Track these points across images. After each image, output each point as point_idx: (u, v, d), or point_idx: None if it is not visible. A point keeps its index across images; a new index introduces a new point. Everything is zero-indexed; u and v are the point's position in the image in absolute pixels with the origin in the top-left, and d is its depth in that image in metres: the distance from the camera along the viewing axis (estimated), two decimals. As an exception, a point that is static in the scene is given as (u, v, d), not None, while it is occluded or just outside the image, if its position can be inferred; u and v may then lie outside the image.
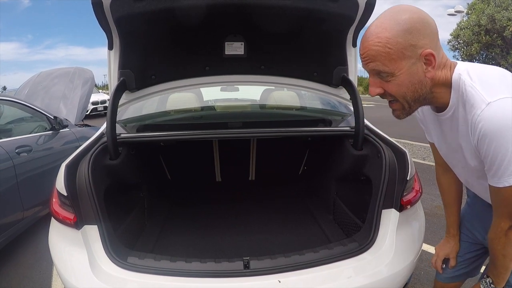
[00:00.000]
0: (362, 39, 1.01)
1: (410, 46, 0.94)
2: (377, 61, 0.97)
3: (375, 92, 1.04)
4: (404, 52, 0.94)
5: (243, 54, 2.06)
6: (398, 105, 1.06)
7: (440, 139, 1.26)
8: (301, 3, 1.73)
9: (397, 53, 0.94)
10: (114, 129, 1.82)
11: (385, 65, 0.96)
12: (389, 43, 0.94)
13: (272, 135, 2.30)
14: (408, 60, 0.96)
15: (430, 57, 0.96)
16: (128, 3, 1.63)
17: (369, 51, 0.97)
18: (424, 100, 1.05)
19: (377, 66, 0.98)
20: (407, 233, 1.66)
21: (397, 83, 0.99)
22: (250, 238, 2.25)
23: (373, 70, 1.00)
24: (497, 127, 0.93)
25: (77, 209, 1.55)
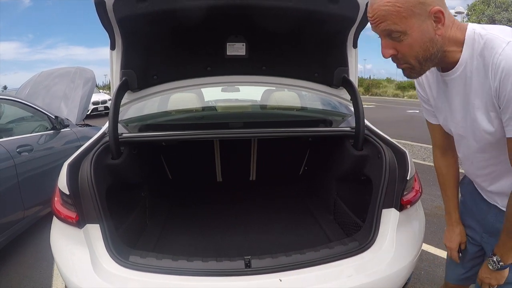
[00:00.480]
0: (369, 2, 1.02)
1: (419, 4, 0.95)
2: (388, 21, 0.97)
3: (388, 54, 1.03)
4: (414, 9, 0.95)
5: (244, 54, 2.07)
6: (407, 67, 1.07)
7: (445, 107, 1.23)
8: (301, 5, 1.73)
9: (406, 11, 0.95)
10: (116, 128, 1.83)
11: (396, 23, 0.97)
12: (398, 1, 0.95)
13: (273, 135, 2.31)
14: (418, 18, 0.97)
15: (439, 14, 0.97)
16: (131, 3, 1.64)
17: (379, 12, 0.98)
18: (435, 59, 1.05)
19: (388, 25, 0.98)
20: (407, 232, 1.67)
21: (409, 43, 1.00)
22: (251, 237, 2.26)
23: (384, 31, 1.00)
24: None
25: (79, 208, 1.55)
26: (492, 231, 1.28)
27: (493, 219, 1.27)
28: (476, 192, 1.34)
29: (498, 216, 1.24)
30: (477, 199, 1.34)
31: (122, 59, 1.93)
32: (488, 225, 1.29)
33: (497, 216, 1.25)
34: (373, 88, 42.88)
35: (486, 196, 1.29)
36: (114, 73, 1.97)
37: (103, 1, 1.63)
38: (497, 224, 1.24)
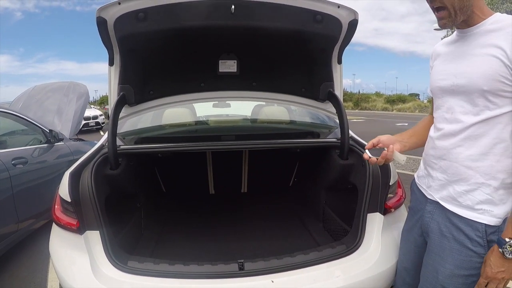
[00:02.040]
0: None
1: None
2: None
3: None
4: None
5: (235, 71, 2.19)
6: (445, 13, 1.19)
7: (449, 66, 1.29)
8: (289, 25, 1.87)
9: None
10: (115, 140, 1.92)
11: None
12: None
13: (263, 146, 2.41)
14: None
15: None
16: (131, 23, 1.74)
17: None
18: (465, 12, 1.17)
19: None
20: (392, 235, 1.77)
21: None
22: (244, 244, 2.34)
23: None
24: None
25: (80, 215, 1.63)
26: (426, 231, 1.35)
27: (428, 217, 1.34)
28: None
29: (434, 214, 1.31)
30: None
31: (120, 74, 2.01)
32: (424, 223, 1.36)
33: (432, 214, 1.32)
34: (362, 102, 43.43)
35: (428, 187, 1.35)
36: (112, 88, 2.06)
37: (104, 20, 1.73)
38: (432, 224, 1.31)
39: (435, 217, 1.31)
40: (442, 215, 1.29)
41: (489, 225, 1.18)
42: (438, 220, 1.30)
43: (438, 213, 1.30)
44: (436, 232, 1.30)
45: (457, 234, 1.24)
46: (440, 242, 1.29)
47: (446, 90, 1.27)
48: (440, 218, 1.29)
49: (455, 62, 1.26)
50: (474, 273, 1.22)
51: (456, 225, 1.24)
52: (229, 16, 1.75)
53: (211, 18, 1.78)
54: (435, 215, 1.31)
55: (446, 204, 1.27)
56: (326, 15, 1.85)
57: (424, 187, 1.38)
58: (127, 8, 1.71)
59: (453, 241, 1.25)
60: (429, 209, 1.34)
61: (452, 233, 1.25)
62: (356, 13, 1.89)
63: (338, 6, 1.84)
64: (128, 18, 1.73)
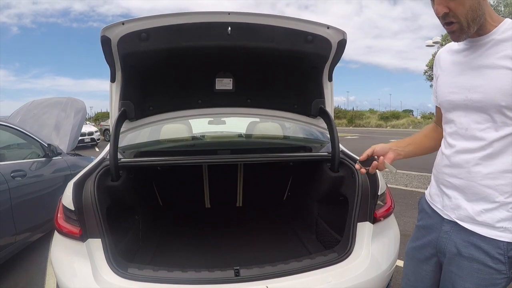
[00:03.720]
0: None
1: None
2: None
3: (442, 11, 1.12)
4: None
5: (231, 89, 2.30)
6: (456, 26, 1.13)
7: (460, 78, 1.24)
8: (281, 45, 1.99)
9: None
10: (116, 153, 2.00)
11: None
12: None
13: (257, 160, 2.50)
14: None
15: None
16: (134, 42, 1.85)
17: None
18: (479, 22, 1.12)
19: None
20: (382, 242, 1.86)
21: (460, 2, 1.09)
22: (240, 254, 2.41)
23: None
24: None
25: (82, 223, 1.70)
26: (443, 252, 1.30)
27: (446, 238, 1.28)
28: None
29: (451, 234, 1.26)
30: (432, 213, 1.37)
31: (121, 91, 2.11)
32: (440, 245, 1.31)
33: (449, 235, 1.27)
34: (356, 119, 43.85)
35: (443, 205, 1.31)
36: (113, 103, 2.15)
37: (108, 39, 1.84)
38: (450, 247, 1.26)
39: (453, 237, 1.26)
40: (460, 235, 1.24)
41: (510, 242, 1.15)
42: (456, 240, 1.25)
43: (456, 233, 1.25)
44: (454, 252, 1.25)
45: (476, 254, 1.19)
46: (459, 262, 1.24)
47: (459, 105, 1.22)
48: (458, 238, 1.24)
49: (466, 74, 1.20)
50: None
51: (476, 244, 1.19)
52: (225, 37, 1.87)
53: (209, 39, 1.90)
54: (452, 235, 1.26)
55: (464, 224, 1.21)
56: (316, 36, 1.97)
57: (439, 207, 1.32)
58: (130, 28, 1.82)
59: (473, 261, 1.21)
60: (446, 229, 1.28)
61: (471, 253, 1.21)
62: (345, 33, 2.02)
63: (327, 27, 1.97)
64: (131, 38, 1.84)
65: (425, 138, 1.48)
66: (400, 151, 1.41)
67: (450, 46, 1.33)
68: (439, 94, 1.32)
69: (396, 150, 1.41)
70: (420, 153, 1.47)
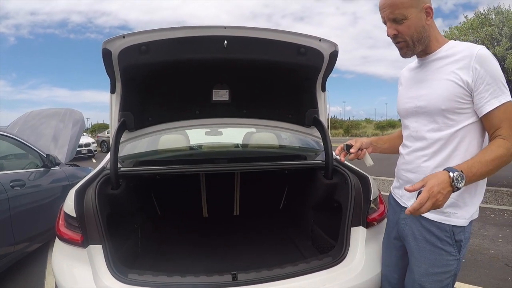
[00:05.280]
0: (380, 4, 1.38)
1: (415, 0, 1.34)
2: (396, 8, 1.34)
3: (392, 33, 1.38)
4: (412, 3, 1.33)
5: (228, 100, 2.38)
6: (404, 44, 1.39)
7: (412, 90, 1.49)
8: (276, 58, 2.08)
9: (408, 3, 1.33)
10: (116, 162, 2.06)
11: (401, 10, 1.33)
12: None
13: (254, 168, 2.57)
14: (416, 9, 1.33)
15: (429, 10, 1.36)
16: (134, 55, 1.92)
17: (392, 3, 1.34)
18: (424, 43, 1.39)
19: (396, 11, 1.34)
20: (375, 246, 1.91)
21: (407, 25, 1.35)
22: (237, 259, 2.46)
23: (392, 15, 1.36)
24: (491, 56, 1.30)
25: (84, 230, 1.75)
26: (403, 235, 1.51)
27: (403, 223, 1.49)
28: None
29: (407, 219, 1.47)
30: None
31: (121, 102, 2.18)
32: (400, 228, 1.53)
33: (406, 220, 1.48)
34: (352, 129, 44.01)
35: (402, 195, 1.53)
36: (113, 114, 2.21)
37: (109, 51, 1.91)
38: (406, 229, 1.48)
39: (409, 223, 1.46)
40: (415, 220, 1.43)
41: (455, 226, 1.35)
42: (411, 225, 1.45)
43: (411, 219, 1.45)
44: (411, 236, 1.46)
45: (428, 236, 1.39)
46: (415, 245, 1.44)
47: (411, 112, 1.48)
48: (413, 223, 1.44)
49: (416, 86, 1.47)
50: (446, 270, 1.37)
51: (427, 228, 1.39)
52: (222, 50, 1.95)
53: (206, 52, 1.98)
54: (408, 220, 1.47)
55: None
56: (309, 48, 2.06)
57: (398, 197, 1.56)
58: (130, 42, 1.90)
59: (425, 243, 1.40)
60: (404, 215, 1.49)
61: (424, 236, 1.41)
62: (336, 45, 2.11)
63: (319, 40, 2.06)
64: (132, 51, 1.92)
65: (398, 139, 1.69)
66: (378, 146, 1.71)
67: (409, 65, 1.60)
68: (398, 105, 1.59)
69: (375, 145, 1.70)
70: (393, 152, 1.72)
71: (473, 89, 1.29)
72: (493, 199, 6.49)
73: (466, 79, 1.29)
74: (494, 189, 7.22)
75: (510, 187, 7.41)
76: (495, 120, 1.28)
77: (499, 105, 1.26)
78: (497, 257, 3.66)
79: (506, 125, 1.27)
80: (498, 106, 1.26)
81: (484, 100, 1.28)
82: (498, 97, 1.27)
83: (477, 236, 4.31)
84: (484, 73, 1.27)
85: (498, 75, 1.28)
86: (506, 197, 6.67)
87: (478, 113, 1.31)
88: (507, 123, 1.27)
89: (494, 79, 1.27)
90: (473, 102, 1.31)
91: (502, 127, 1.27)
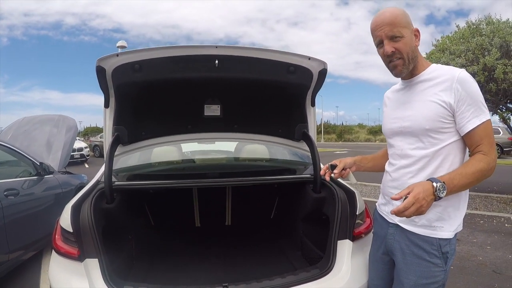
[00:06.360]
0: (376, 23, 1.45)
1: (408, 22, 1.43)
2: (394, 27, 1.40)
3: (390, 50, 1.43)
4: (407, 24, 1.42)
5: (219, 115, 2.44)
6: (401, 62, 1.44)
7: (397, 111, 1.56)
8: (265, 76, 2.14)
9: (404, 23, 1.42)
10: (111, 177, 2.09)
11: (400, 27, 1.40)
12: (400, 16, 1.42)
13: (244, 183, 2.63)
14: (408, 30, 1.42)
15: (417, 33, 1.47)
16: (127, 72, 1.97)
17: (389, 21, 1.41)
18: (414, 62, 1.46)
19: (394, 29, 1.40)
20: (361, 259, 1.97)
21: (404, 42, 1.41)
22: (228, 271, 2.50)
23: (390, 33, 1.41)
24: (471, 78, 1.38)
25: (80, 244, 1.79)
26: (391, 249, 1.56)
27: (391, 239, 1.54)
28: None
29: (395, 235, 1.52)
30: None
31: (115, 116, 2.22)
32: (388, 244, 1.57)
33: (393, 236, 1.53)
34: (345, 134, 44.14)
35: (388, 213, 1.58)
36: (107, 128, 2.25)
37: (103, 69, 1.95)
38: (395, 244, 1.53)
39: (397, 238, 1.52)
40: (402, 235, 1.49)
41: (442, 239, 1.41)
42: (399, 240, 1.50)
43: (399, 234, 1.51)
44: (399, 250, 1.51)
45: (416, 250, 1.45)
46: (403, 259, 1.49)
47: (396, 132, 1.55)
48: (401, 238, 1.50)
49: (401, 108, 1.54)
50: (434, 281, 1.44)
51: (415, 242, 1.45)
52: (213, 69, 2.01)
53: (198, 71, 2.04)
54: (396, 236, 1.52)
55: (404, 225, 1.47)
56: (298, 67, 2.13)
57: (385, 213, 1.60)
58: (124, 60, 1.95)
59: (413, 256, 1.46)
60: (391, 231, 1.55)
61: (412, 250, 1.46)
62: (325, 64, 2.17)
63: (309, 58, 2.13)
64: (125, 68, 1.97)
65: (382, 158, 1.77)
66: (361, 165, 1.77)
67: (393, 87, 1.68)
68: (383, 125, 1.67)
69: (359, 164, 1.76)
70: (377, 170, 1.79)
71: (455, 109, 1.37)
72: (482, 205, 6.59)
73: (449, 100, 1.36)
74: (484, 195, 7.35)
75: (500, 193, 7.55)
76: (476, 138, 1.37)
77: (480, 123, 1.35)
78: (485, 264, 3.73)
79: (486, 142, 1.36)
80: (478, 125, 1.35)
81: (466, 120, 1.36)
82: (478, 116, 1.35)
83: (465, 243, 4.38)
84: (465, 94, 1.35)
85: (478, 95, 1.37)
86: (495, 203, 6.79)
87: (460, 132, 1.39)
88: (487, 139, 1.36)
89: (475, 99, 1.35)
90: (455, 122, 1.39)
91: (483, 143, 1.36)
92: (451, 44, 6.33)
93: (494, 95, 6.03)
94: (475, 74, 5.69)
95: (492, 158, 1.36)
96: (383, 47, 1.44)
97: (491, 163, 1.35)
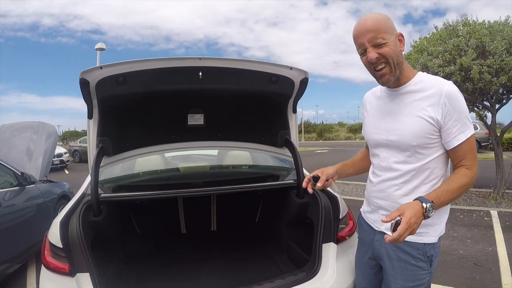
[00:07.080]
0: (359, 31, 1.42)
1: (392, 27, 1.41)
2: (377, 34, 1.37)
3: (375, 56, 1.39)
4: (390, 29, 1.40)
5: (203, 124, 2.46)
6: (388, 69, 1.41)
7: (383, 121, 1.55)
8: (249, 87, 2.18)
9: (387, 29, 1.39)
10: (97, 189, 2.08)
11: (382, 35, 1.38)
12: (382, 22, 1.40)
13: (228, 191, 2.68)
14: (392, 35, 1.40)
15: (401, 37, 1.44)
16: (111, 85, 1.97)
17: (372, 28, 1.38)
18: (400, 68, 1.43)
19: (377, 36, 1.38)
20: (346, 260, 2.04)
21: (388, 48, 1.38)
22: (216, 277, 2.52)
23: (373, 39, 1.39)
24: (458, 93, 1.39)
25: (71, 260, 1.79)
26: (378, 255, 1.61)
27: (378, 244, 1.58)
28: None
29: (382, 242, 1.55)
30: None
31: (99, 128, 2.21)
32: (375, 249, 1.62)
33: (380, 242, 1.57)
34: (326, 132, 44.55)
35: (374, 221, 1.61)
36: (91, 139, 2.24)
37: (87, 81, 1.94)
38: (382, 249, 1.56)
39: (383, 244, 1.54)
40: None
41: (427, 244, 1.47)
42: (386, 246, 1.54)
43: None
44: (386, 256, 1.55)
45: (402, 255, 1.49)
46: (390, 263, 1.54)
47: (381, 143, 1.55)
48: (388, 244, 1.52)
49: (387, 118, 1.53)
50: (420, 283, 1.50)
51: (401, 248, 1.49)
52: (197, 80, 2.04)
53: (182, 82, 2.06)
54: (383, 242, 1.54)
55: (391, 233, 1.54)
56: (280, 76, 2.17)
57: (371, 221, 1.64)
58: (108, 72, 1.94)
59: (400, 261, 1.51)
60: (378, 238, 1.59)
61: (398, 255, 1.51)
62: (307, 73, 2.21)
63: (290, 68, 2.17)
64: (109, 81, 1.96)
65: (362, 161, 1.81)
66: (343, 173, 1.79)
67: (374, 91, 1.67)
68: (366, 133, 1.68)
69: (341, 172, 1.77)
70: (358, 173, 1.84)
71: (442, 125, 1.39)
72: (462, 200, 6.79)
73: (436, 116, 1.38)
74: (463, 190, 7.58)
75: (479, 187, 7.78)
76: (460, 152, 1.41)
77: (465, 139, 1.39)
78: (466, 257, 3.87)
79: (469, 156, 1.41)
80: (464, 141, 1.39)
81: (452, 136, 1.39)
82: (464, 132, 1.38)
83: (446, 237, 4.52)
84: (452, 109, 1.37)
85: (465, 110, 1.40)
86: (474, 198, 7.01)
87: (446, 147, 1.43)
88: (470, 154, 1.41)
89: (461, 114, 1.38)
90: (441, 136, 1.42)
91: (466, 158, 1.41)
92: (429, 45, 6.46)
93: (470, 94, 6.20)
94: (452, 74, 5.84)
95: (475, 171, 1.41)
96: (367, 55, 1.42)
97: (474, 177, 1.41)
